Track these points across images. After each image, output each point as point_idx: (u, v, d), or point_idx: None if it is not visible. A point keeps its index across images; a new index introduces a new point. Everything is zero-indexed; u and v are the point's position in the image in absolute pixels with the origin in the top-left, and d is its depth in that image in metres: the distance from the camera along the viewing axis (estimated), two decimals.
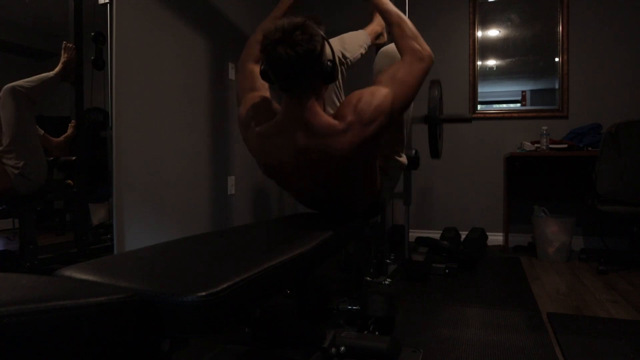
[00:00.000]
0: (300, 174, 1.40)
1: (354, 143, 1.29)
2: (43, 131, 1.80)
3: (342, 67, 1.84)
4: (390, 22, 1.52)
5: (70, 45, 1.84)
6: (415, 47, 1.44)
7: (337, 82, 1.82)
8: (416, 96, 1.46)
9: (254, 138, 1.43)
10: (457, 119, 2.52)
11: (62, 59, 1.81)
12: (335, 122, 1.31)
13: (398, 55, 1.72)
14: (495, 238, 4.02)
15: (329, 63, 1.29)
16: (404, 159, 1.71)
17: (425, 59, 1.44)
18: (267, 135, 1.38)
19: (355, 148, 1.30)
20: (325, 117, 1.32)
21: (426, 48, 1.46)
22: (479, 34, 4.13)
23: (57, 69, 1.80)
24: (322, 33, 1.27)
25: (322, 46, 1.27)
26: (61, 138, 1.87)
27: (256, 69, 1.54)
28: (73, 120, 1.89)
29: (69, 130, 1.89)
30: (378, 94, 1.33)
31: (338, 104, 1.83)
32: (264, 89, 1.53)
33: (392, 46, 1.96)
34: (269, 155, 1.41)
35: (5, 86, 1.62)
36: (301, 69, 1.25)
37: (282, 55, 1.20)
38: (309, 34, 1.22)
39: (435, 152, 2.44)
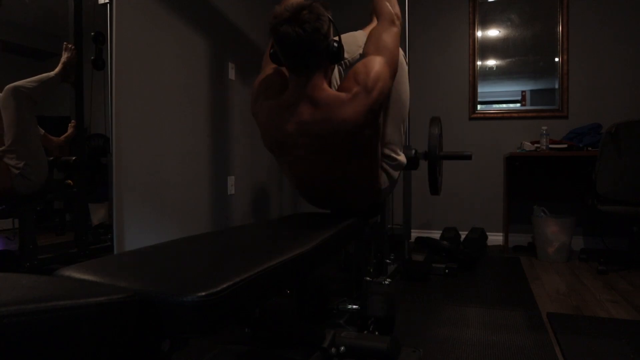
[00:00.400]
0: (304, 150, 1.43)
1: (359, 111, 1.34)
2: (44, 131, 1.80)
3: (341, 67, 1.84)
4: None
5: (70, 46, 1.84)
6: (388, 10, 1.55)
7: (335, 81, 1.82)
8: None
9: (262, 112, 1.49)
10: (457, 156, 2.53)
11: (62, 59, 1.81)
12: (340, 93, 1.37)
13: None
14: (495, 238, 4.02)
15: (334, 43, 1.35)
16: (402, 157, 1.71)
17: (396, 22, 1.55)
18: (274, 109, 1.44)
19: (361, 116, 1.34)
20: (330, 91, 1.38)
21: (397, 10, 1.57)
22: (479, 34, 4.13)
23: (57, 69, 1.80)
24: (329, 15, 1.33)
25: (329, 27, 1.33)
26: (61, 138, 1.87)
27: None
28: (73, 120, 1.89)
29: (69, 130, 1.89)
30: (372, 62, 1.40)
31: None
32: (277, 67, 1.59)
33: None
34: (276, 130, 1.45)
35: (7, 87, 1.62)
36: (308, 47, 1.30)
37: (290, 33, 1.27)
38: (316, 13, 1.28)
39: (434, 189, 2.47)
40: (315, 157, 1.44)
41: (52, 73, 1.78)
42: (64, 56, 1.82)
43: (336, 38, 1.38)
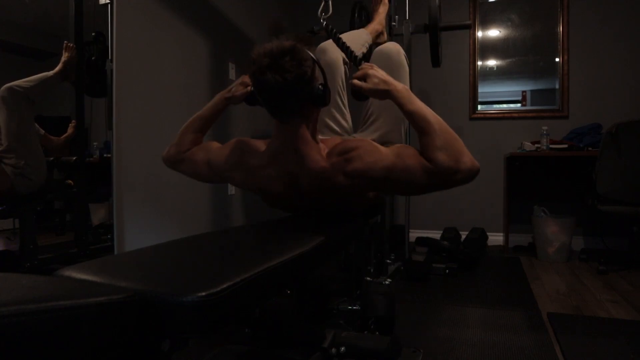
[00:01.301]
0: (297, 197, 1.38)
1: (337, 184, 1.26)
2: (44, 131, 1.80)
3: (345, 66, 1.84)
4: (417, 127, 1.26)
5: (71, 45, 1.84)
6: (439, 159, 1.17)
7: (340, 83, 1.82)
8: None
9: (246, 173, 1.38)
10: (456, 26, 2.55)
11: (63, 59, 1.81)
12: (320, 158, 1.28)
13: (394, 54, 1.69)
14: (496, 238, 4.02)
15: (320, 87, 1.24)
16: None
17: (444, 175, 1.18)
18: (261, 166, 1.34)
19: (340, 187, 1.27)
20: (314, 149, 1.29)
21: (459, 164, 1.17)
22: (479, 34, 4.13)
23: (57, 69, 1.80)
24: (312, 56, 1.22)
25: (313, 70, 1.21)
26: (61, 138, 1.87)
27: (199, 146, 1.51)
28: (73, 120, 1.89)
29: (69, 130, 1.89)
30: (374, 155, 1.24)
31: (341, 104, 1.83)
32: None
33: (387, 45, 1.96)
34: (265, 185, 1.38)
35: (4, 86, 1.62)
36: (291, 95, 1.20)
37: (270, 81, 1.15)
38: (299, 59, 1.16)
39: (436, 60, 2.47)
40: (310, 198, 1.38)
41: (51, 72, 1.78)
42: (65, 56, 1.82)
43: (321, 82, 1.26)
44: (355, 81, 1.37)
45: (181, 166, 1.53)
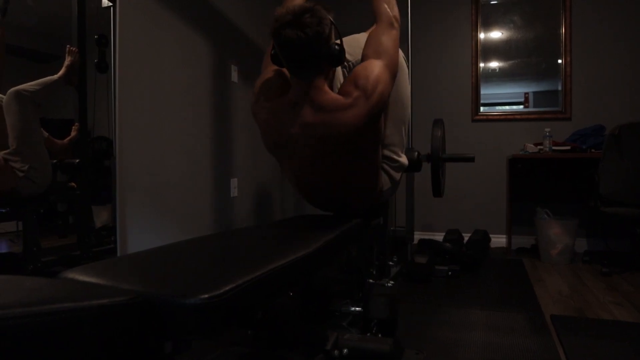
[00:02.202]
0: (305, 152, 1.43)
1: (360, 115, 1.34)
2: (47, 133, 1.80)
3: (344, 69, 1.84)
4: None
5: (74, 49, 1.84)
6: (386, 12, 1.53)
7: (339, 82, 1.82)
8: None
9: (263, 112, 1.48)
10: (460, 158, 2.55)
11: (66, 62, 1.82)
12: (341, 97, 1.37)
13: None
14: (498, 240, 4.01)
15: (336, 46, 1.34)
16: (404, 159, 1.71)
17: (395, 25, 1.53)
18: (275, 110, 1.44)
19: (361, 121, 1.34)
20: (332, 94, 1.38)
21: (396, 12, 1.56)
22: (481, 35, 4.13)
23: (60, 72, 1.80)
24: (330, 18, 1.33)
25: (330, 30, 1.33)
26: (65, 140, 1.88)
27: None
28: (76, 123, 1.90)
29: (73, 133, 1.89)
30: (372, 66, 1.40)
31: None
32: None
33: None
34: (276, 131, 1.45)
35: (10, 90, 1.63)
36: (310, 51, 1.30)
37: (291, 37, 1.26)
38: (318, 17, 1.28)
39: (437, 192, 2.48)
40: (316, 159, 1.44)
41: (55, 76, 1.79)
42: (68, 59, 1.83)
43: (338, 41, 1.38)
44: None
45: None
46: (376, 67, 1.40)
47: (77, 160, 1.90)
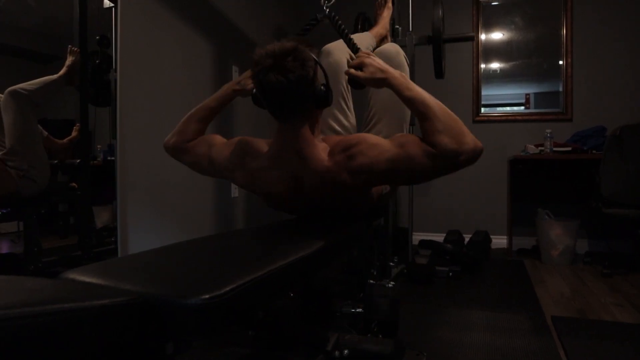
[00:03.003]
0: (300, 199, 1.38)
1: (341, 182, 1.26)
2: (47, 133, 1.80)
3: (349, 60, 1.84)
4: (417, 112, 1.28)
5: (75, 49, 1.84)
6: (441, 142, 1.18)
7: (344, 85, 1.82)
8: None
9: (247, 175, 1.39)
10: (460, 37, 2.55)
11: (67, 63, 1.82)
12: (324, 158, 1.27)
13: (393, 55, 1.69)
14: (499, 241, 4.00)
15: (322, 87, 1.25)
16: None
17: (448, 158, 1.18)
18: (262, 168, 1.35)
19: (344, 185, 1.27)
20: (316, 150, 1.28)
21: (462, 145, 1.19)
22: (483, 36, 4.13)
23: (61, 72, 1.80)
24: (314, 57, 1.22)
25: (315, 71, 1.22)
26: (65, 140, 1.88)
27: (202, 139, 1.53)
28: (77, 124, 1.90)
29: (74, 133, 1.89)
30: (377, 149, 1.24)
31: (345, 106, 1.83)
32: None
33: (386, 46, 1.95)
34: (267, 187, 1.38)
35: (7, 89, 1.63)
36: (293, 96, 1.20)
37: (273, 82, 1.16)
38: (301, 59, 1.17)
39: (439, 73, 2.47)
40: (313, 200, 1.38)
41: (55, 76, 1.79)
42: (69, 59, 1.83)
43: (324, 81, 1.27)
44: (352, 70, 1.38)
45: (183, 156, 1.54)
46: (378, 153, 1.23)
47: (78, 161, 1.90)
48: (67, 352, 0.53)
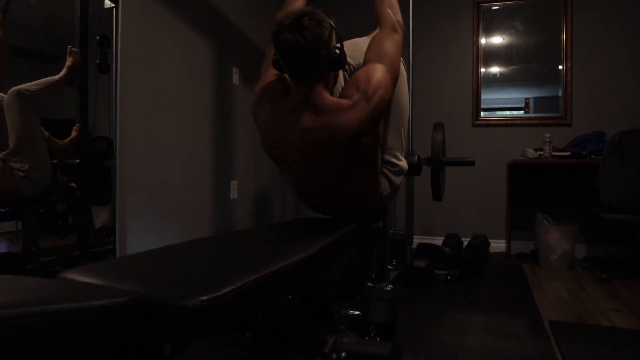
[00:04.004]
0: (304, 157, 1.43)
1: (360, 118, 1.34)
2: (48, 133, 1.80)
3: (346, 72, 1.84)
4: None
5: (75, 50, 1.85)
6: (390, 17, 1.54)
7: (340, 86, 1.82)
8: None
9: (263, 115, 1.49)
10: (460, 162, 2.55)
11: (67, 63, 1.82)
12: (341, 100, 1.38)
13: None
14: (498, 245, 4.01)
15: (336, 50, 1.34)
16: (404, 163, 1.71)
17: (398, 30, 1.54)
18: (276, 113, 1.44)
19: (361, 124, 1.34)
20: (332, 98, 1.39)
21: (399, 17, 1.56)
22: (483, 41, 4.13)
23: (62, 73, 1.80)
24: (330, 22, 1.33)
25: (330, 33, 1.32)
26: (65, 141, 1.88)
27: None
28: (77, 124, 1.90)
29: (74, 133, 1.89)
30: (373, 70, 1.41)
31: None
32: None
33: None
34: (276, 134, 1.46)
35: (11, 90, 1.63)
36: (309, 54, 1.30)
37: (290, 40, 1.27)
38: (317, 20, 1.28)
39: (437, 195, 2.48)
40: (315, 164, 1.44)
41: (56, 77, 1.79)
42: (69, 60, 1.83)
43: (338, 45, 1.38)
44: None
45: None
46: (378, 71, 1.40)
47: (78, 161, 1.90)
48: (66, 352, 0.53)
